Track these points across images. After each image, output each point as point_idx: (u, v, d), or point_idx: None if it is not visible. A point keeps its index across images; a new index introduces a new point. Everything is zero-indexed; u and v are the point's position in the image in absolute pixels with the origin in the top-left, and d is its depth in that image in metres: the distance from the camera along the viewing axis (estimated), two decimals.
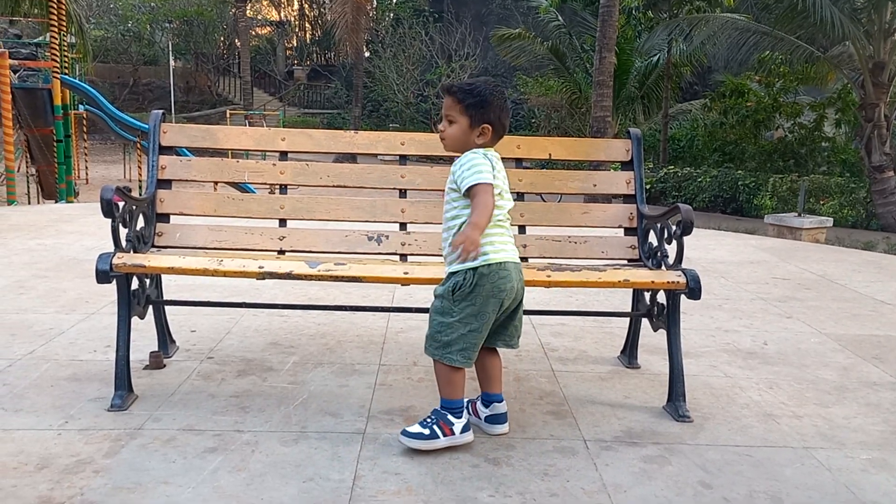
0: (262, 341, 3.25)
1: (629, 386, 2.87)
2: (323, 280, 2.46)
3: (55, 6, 12.32)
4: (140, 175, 15.79)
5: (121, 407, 2.46)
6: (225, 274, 2.47)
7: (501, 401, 2.37)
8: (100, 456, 2.14)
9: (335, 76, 34.52)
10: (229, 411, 2.49)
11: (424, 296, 2.98)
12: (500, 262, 2.20)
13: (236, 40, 34.62)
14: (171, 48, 32.42)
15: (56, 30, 12.39)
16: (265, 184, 3.08)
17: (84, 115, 17.57)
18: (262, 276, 2.45)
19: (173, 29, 33.91)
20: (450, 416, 2.22)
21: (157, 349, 2.96)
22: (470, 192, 2.16)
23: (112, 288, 2.50)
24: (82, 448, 2.19)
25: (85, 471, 2.06)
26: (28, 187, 14.30)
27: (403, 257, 2.88)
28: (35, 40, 18.01)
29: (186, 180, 2.95)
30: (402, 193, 2.96)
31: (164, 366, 2.90)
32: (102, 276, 2.40)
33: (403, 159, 3.03)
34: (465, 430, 2.24)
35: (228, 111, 28.39)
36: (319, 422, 2.42)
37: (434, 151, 3.05)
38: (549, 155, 3.05)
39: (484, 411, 2.39)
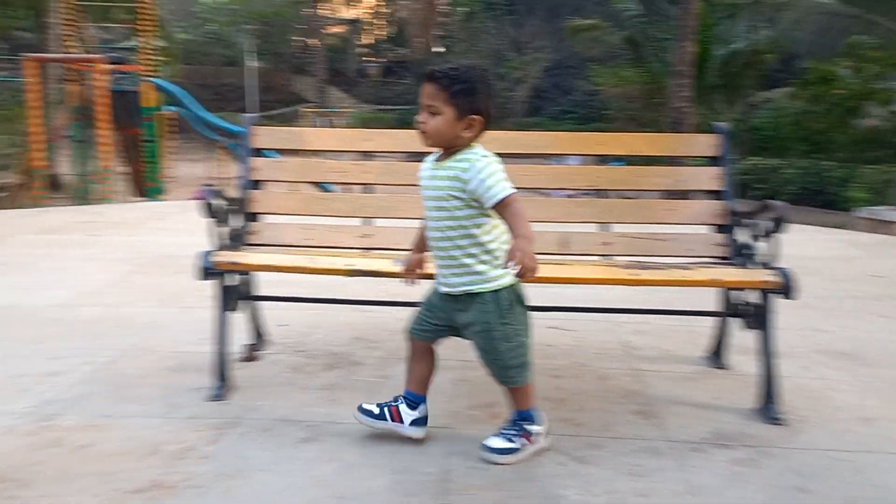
0: (347, 336, 3.35)
1: (718, 387, 2.82)
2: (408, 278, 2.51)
3: (144, 12, 12.87)
4: (223, 173, 16.33)
5: (220, 397, 2.59)
6: (316, 271, 2.56)
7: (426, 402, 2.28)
8: (203, 443, 2.26)
9: (407, 72, 34.81)
10: (321, 403, 2.58)
11: None
12: None
13: (312, 39, 35.33)
14: (249, 49, 33.32)
15: (145, 34, 12.94)
16: (346, 183, 3.16)
17: (171, 116, 18.31)
18: (351, 273, 2.52)
19: (252, 30, 34.81)
20: (529, 426, 2.18)
21: (250, 342, 3.09)
22: (501, 204, 1.97)
23: (205, 284, 2.62)
24: (187, 436, 2.31)
25: (190, 457, 2.17)
26: (119, 185, 14.96)
27: None
28: (125, 45, 18.83)
29: (277, 181, 3.06)
30: None
31: (258, 359, 3.02)
32: (202, 273, 2.52)
33: None
34: (543, 434, 2.21)
35: (301, 109, 29.02)
36: None
37: (516, 149, 3.08)
38: (631, 151, 3.03)
39: (411, 414, 2.25)
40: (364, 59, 38.68)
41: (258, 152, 3.03)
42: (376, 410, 2.26)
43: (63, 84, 14.37)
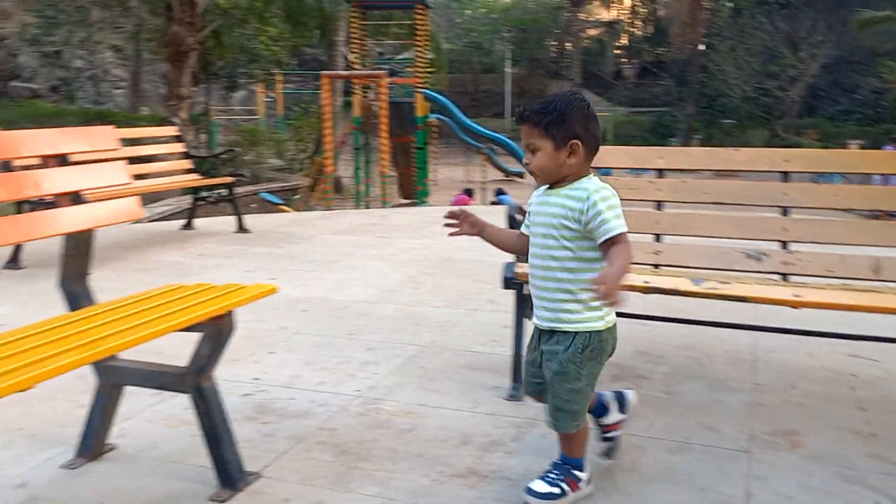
0: (630, 349, 3.42)
1: None
2: (708, 298, 2.54)
3: (420, 28, 13.91)
4: (482, 178, 17.12)
5: (516, 398, 2.80)
6: None
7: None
8: (508, 439, 2.48)
9: (665, 73, 33.77)
10: None
11: (799, 316, 2.89)
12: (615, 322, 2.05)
13: (568, 43, 35.66)
14: (507, 56, 34.47)
15: (420, 48, 13.99)
16: (640, 200, 3.23)
17: (435, 124, 19.59)
18: (648, 290, 2.60)
19: (510, 37, 36.01)
20: (576, 472, 2.08)
21: None
22: (611, 241, 1.89)
23: (487, 287, 2.84)
24: (492, 430, 2.55)
25: (498, 451, 2.40)
26: (388, 189, 16.28)
27: (785, 277, 2.83)
28: (399, 58, 20.45)
29: None
30: (785, 211, 2.91)
31: None
32: (507, 283, 2.75)
33: (785, 176, 2.97)
34: (588, 481, 2.12)
35: None
36: (700, 435, 2.50)
37: (821, 168, 2.95)
38: None
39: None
40: (620, 60, 38.19)
41: None
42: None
43: (345, 97, 16.04)
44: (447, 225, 2.22)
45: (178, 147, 6.89)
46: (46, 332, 1.96)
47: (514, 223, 2.82)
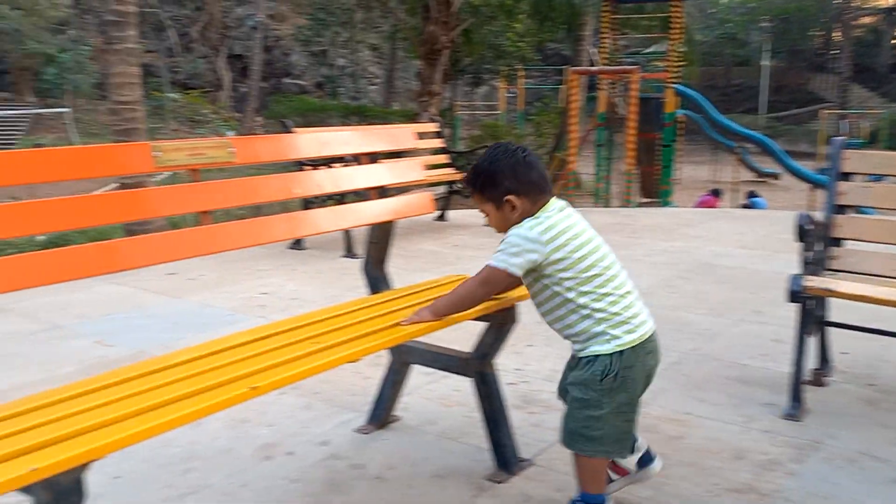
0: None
1: None
2: None
3: (675, 20, 13.42)
4: (732, 178, 16.18)
5: (795, 417, 2.65)
6: None
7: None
8: (786, 460, 2.36)
9: None
10: None
11: None
12: (645, 337, 1.91)
13: (836, 33, 32.39)
14: (765, 47, 32.10)
15: (674, 41, 13.50)
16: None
17: (681, 119, 18.82)
18: None
19: (769, 28, 33.49)
20: None
21: (817, 367, 3.07)
22: (484, 269, 1.95)
23: (751, 296, 2.69)
24: (770, 449, 2.44)
25: (777, 471, 2.30)
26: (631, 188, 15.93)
27: None
28: (646, 51, 19.89)
29: (865, 206, 2.98)
30: None
31: (825, 384, 3.00)
32: (792, 296, 2.61)
33: None
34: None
35: (820, 110, 26.84)
36: None
37: None
38: None
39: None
40: None
41: (845, 176, 2.98)
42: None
43: (589, 92, 15.95)
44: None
45: (438, 142, 7.31)
46: (358, 312, 2.21)
47: (803, 234, 2.67)
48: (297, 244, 5.92)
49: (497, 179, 1.95)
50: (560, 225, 1.90)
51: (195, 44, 25.92)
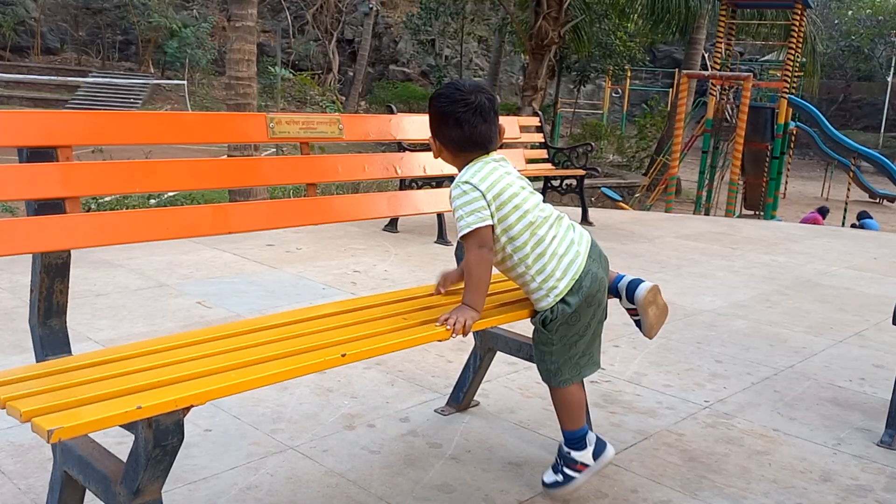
0: None
1: None
2: None
3: (796, 28, 12.85)
4: (847, 196, 15.40)
5: (890, 445, 2.53)
6: None
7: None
8: (879, 487, 2.26)
9: None
10: None
11: None
12: (577, 279, 1.97)
13: None
14: (893, 63, 30.25)
15: (793, 50, 12.93)
16: None
17: (793, 132, 18.01)
18: None
19: None
20: (574, 454, 2.06)
21: None
22: (464, 243, 1.92)
23: (853, 318, 2.57)
24: (859, 474, 2.34)
25: (867, 497, 2.20)
26: (728, 197, 15.39)
27: None
28: (762, 59, 19.12)
29: None
30: None
31: None
32: None
33: None
34: (598, 453, 2.07)
35: None
36: None
37: None
38: None
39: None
40: None
41: None
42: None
43: (699, 97, 15.50)
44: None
45: (538, 137, 7.29)
46: (449, 294, 2.25)
47: None
48: (391, 226, 6.04)
49: (430, 116, 1.98)
50: (504, 169, 1.96)
51: (308, 26, 26.65)
